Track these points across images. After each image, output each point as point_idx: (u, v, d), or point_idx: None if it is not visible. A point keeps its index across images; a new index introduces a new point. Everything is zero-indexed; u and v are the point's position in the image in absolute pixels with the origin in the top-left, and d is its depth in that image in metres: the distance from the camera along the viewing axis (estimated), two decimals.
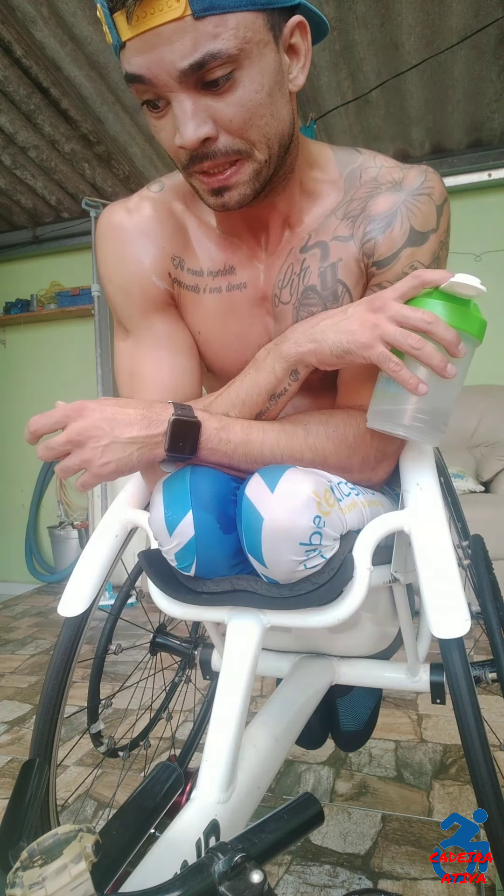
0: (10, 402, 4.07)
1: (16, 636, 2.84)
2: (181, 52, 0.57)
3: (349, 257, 0.73)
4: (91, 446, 0.63)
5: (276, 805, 0.48)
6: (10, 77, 2.65)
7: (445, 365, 0.60)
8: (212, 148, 0.62)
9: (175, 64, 0.57)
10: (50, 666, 0.81)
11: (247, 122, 0.62)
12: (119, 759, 1.10)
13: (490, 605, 0.87)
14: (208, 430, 0.67)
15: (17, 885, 0.39)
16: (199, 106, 0.60)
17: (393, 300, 0.63)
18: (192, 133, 0.60)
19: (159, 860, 0.52)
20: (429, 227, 0.70)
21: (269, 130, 0.64)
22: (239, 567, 0.69)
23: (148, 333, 0.78)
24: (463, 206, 3.14)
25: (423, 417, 0.65)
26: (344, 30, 2.37)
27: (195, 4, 0.55)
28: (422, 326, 0.61)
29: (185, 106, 0.60)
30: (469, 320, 0.63)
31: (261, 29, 0.59)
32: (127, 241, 0.75)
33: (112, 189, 3.44)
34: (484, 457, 2.92)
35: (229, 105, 0.60)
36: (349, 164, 0.75)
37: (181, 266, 0.77)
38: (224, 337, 0.79)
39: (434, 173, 0.72)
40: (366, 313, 0.64)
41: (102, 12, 0.58)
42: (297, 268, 0.75)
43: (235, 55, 0.58)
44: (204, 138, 0.61)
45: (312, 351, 0.67)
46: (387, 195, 0.71)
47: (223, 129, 0.61)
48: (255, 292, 0.78)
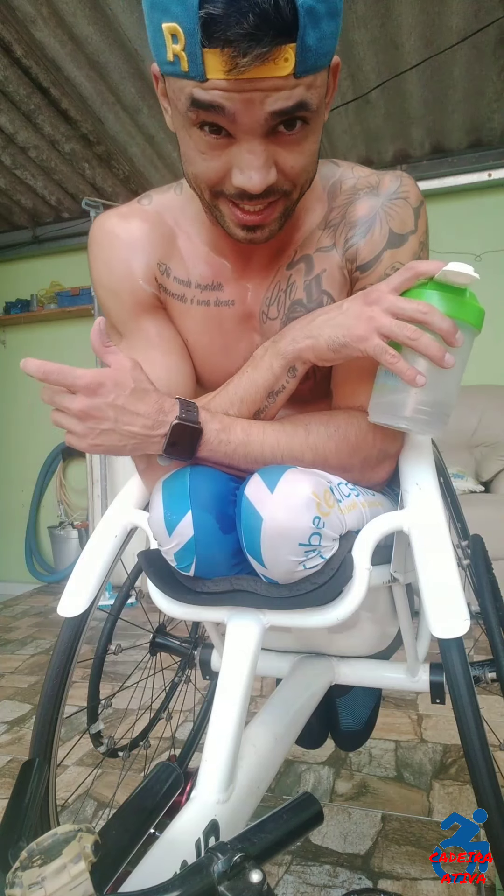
0: (10, 402, 4.07)
1: (16, 636, 2.84)
2: (275, 100, 0.56)
3: (332, 266, 0.74)
4: (90, 425, 0.63)
5: (276, 805, 0.48)
6: (10, 77, 2.65)
7: (443, 355, 0.60)
8: (265, 190, 0.62)
9: (266, 109, 0.56)
10: (50, 666, 0.81)
11: (302, 170, 0.63)
12: (119, 759, 1.10)
13: (490, 605, 0.87)
14: (209, 432, 0.67)
15: (17, 884, 0.39)
16: (269, 153, 0.60)
17: (388, 293, 0.64)
18: (261, 181, 0.60)
19: (159, 860, 0.52)
20: (407, 228, 0.71)
21: (310, 175, 0.66)
22: (238, 567, 0.69)
23: (139, 335, 0.78)
24: (463, 206, 3.14)
25: (425, 409, 0.64)
26: (344, 30, 2.36)
27: (300, 66, 0.55)
28: (417, 317, 0.61)
29: (259, 152, 0.59)
30: (465, 309, 0.63)
31: (326, 81, 0.60)
32: (116, 246, 0.76)
33: (112, 189, 3.44)
34: (484, 457, 2.92)
35: (293, 154, 0.61)
36: (330, 178, 0.76)
37: (167, 273, 0.77)
38: (210, 349, 0.80)
39: (408, 177, 0.74)
40: (361, 307, 0.65)
41: (184, 37, 0.54)
42: (284, 284, 0.76)
43: (315, 110, 0.59)
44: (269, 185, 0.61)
45: (309, 347, 0.67)
46: (364, 200, 0.73)
47: (281, 175, 0.62)
48: (243, 309, 0.78)
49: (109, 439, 0.64)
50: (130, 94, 2.72)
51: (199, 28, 0.52)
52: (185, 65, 0.55)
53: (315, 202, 0.76)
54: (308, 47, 0.54)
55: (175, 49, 0.55)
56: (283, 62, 0.54)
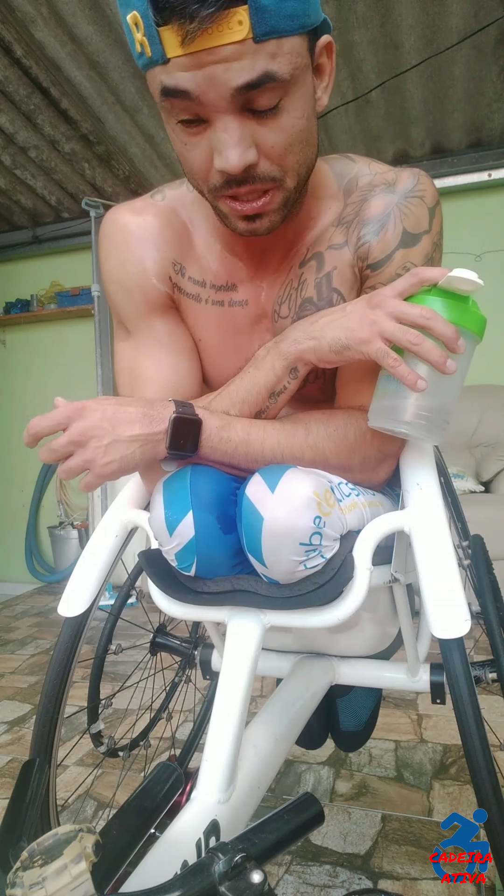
0: (10, 402, 4.07)
1: (16, 636, 2.84)
2: (238, 71, 0.54)
3: (343, 264, 0.73)
4: (93, 446, 0.63)
5: (276, 805, 0.48)
6: (10, 77, 2.65)
7: (445, 360, 0.60)
8: (251, 173, 0.60)
9: (229, 83, 0.54)
10: (50, 666, 0.81)
11: (287, 149, 0.60)
12: (119, 759, 1.10)
13: (490, 605, 0.87)
14: (209, 429, 0.67)
15: (18, 885, 0.39)
16: (246, 130, 0.58)
17: (391, 297, 0.63)
18: (238, 158, 0.58)
19: (159, 860, 0.52)
20: (421, 228, 0.70)
21: (301, 157, 0.63)
22: (239, 567, 0.69)
23: (148, 334, 0.78)
24: (463, 206, 3.14)
25: (425, 415, 0.64)
26: (344, 30, 2.37)
27: (257, 28, 0.52)
28: (420, 322, 0.61)
29: (232, 129, 0.57)
30: (468, 316, 0.63)
31: (305, 53, 0.58)
32: (129, 243, 0.75)
33: (112, 189, 3.44)
34: (484, 457, 2.92)
35: (273, 131, 0.59)
36: (346, 175, 0.75)
37: (182, 273, 0.77)
38: (223, 348, 0.80)
39: (426, 176, 0.72)
40: (364, 310, 0.65)
41: (142, 22, 0.54)
42: (296, 282, 0.75)
43: (287, 80, 0.56)
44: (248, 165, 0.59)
45: (312, 348, 0.67)
46: (380, 198, 0.71)
47: (263, 155, 0.60)
48: (257, 309, 0.78)
49: (117, 451, 0.63)
50: (130, 94, 2.72)
51: (150, 6, 0.52)
52: (148, 50, 0.55)
53: (330, 200, 0.75)
54: (263, 7, 0.52)
55: (139, 38, 0.55)
56: (236, 25, 0.52)
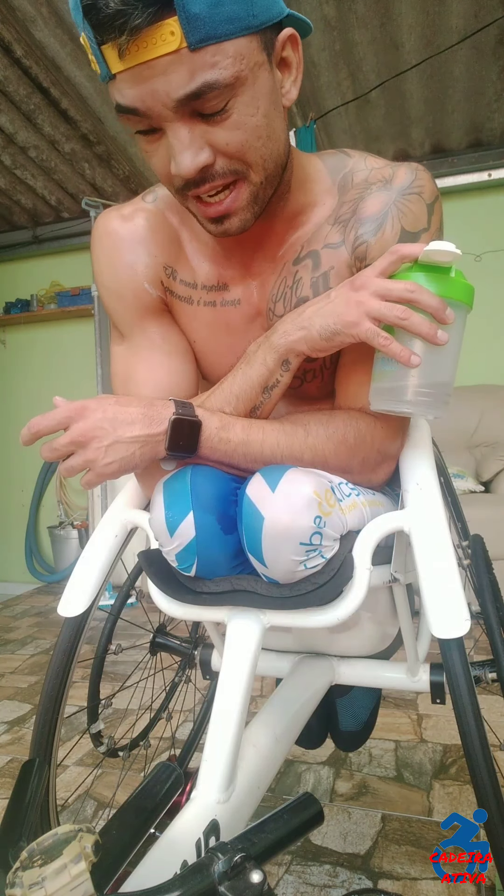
0: (10, 402, 4.07)
1: (16, 636, 2.84)
2: (177, 83, 0.55)
3: (340, 264, 0.73)
4: (94, 446, 0.63)
5: (276, 805, 0.48)
6: (10, 77, 2.65)
7: (435, 332, 0.60)
8: (209, 172, 0.61)
9: (170, 95, 0.55)
10: (50, 666, 0.81)
11: (244, 146, 0.60)
12: (119, 759, 1.10)
13: (490, 605, 0.87)
14: (209, 430, 0.67)
15: (17, 885, 0.39)
16: (196, 133, 0.59)
17: (374, 277, 0.64)
18: (189, 163, 0.59)
19: (159, 860, 0.52)
20: (420, 226, 0.70)
21: (265, 152, 0.63)
22: (239, 567, 0.69)
23: (143, 337, 0.78)
24: (463, 206, 3.14)
25: (425, 391, 0.64)
26: (344, 30, 2.37)
27: (190, 37, 0.52)
28: (406, 297, 0.61)
29: (181, 135, 0.58)
30: (452, 286, 0.63)
31: (255, 51, 0.58)
32: (120, 248, 0.76)
33: (112, 189, 3.44)
34: (484, 457, 2.92)
35: (225, 130, 0.59)
36: (340, 170, 0.75)
37: (174, 276, 0.77)
38: (218, 349, 0.80)
39: (424, 171, 0.72)
40: (349, 293, 0.65)
41: (87, 43, 0.55)
42: (290, 280, 0.75)
43: (232, 84, 0.56)
44: (202, 166, 0.60)
45: (302, 338, 0.67)
46: (377, 195, 0.71)
47: (220, 153, 0.60)
48: (250, 308, 0.78)
49: (117, 452, 0.64)
50: None
51: (86, 24, 0.53)
52: (97, 68, 0.56)
53: (324, 195, 0.74)
54: (194, 15, 0.52)
55: (90, 57, 0.57)
56: (168, 36, 0.52)
